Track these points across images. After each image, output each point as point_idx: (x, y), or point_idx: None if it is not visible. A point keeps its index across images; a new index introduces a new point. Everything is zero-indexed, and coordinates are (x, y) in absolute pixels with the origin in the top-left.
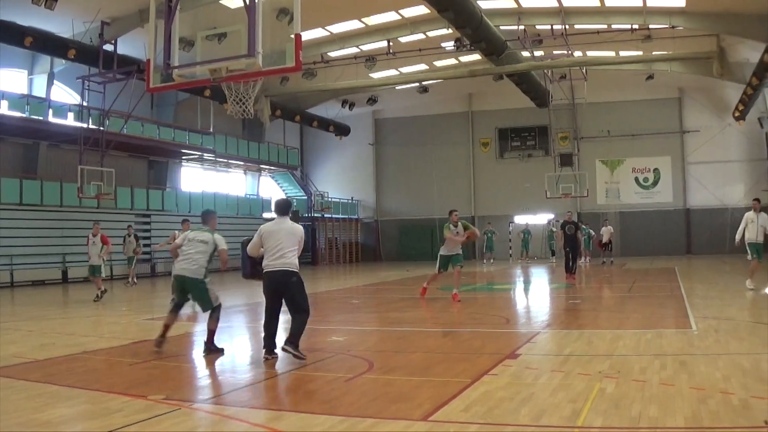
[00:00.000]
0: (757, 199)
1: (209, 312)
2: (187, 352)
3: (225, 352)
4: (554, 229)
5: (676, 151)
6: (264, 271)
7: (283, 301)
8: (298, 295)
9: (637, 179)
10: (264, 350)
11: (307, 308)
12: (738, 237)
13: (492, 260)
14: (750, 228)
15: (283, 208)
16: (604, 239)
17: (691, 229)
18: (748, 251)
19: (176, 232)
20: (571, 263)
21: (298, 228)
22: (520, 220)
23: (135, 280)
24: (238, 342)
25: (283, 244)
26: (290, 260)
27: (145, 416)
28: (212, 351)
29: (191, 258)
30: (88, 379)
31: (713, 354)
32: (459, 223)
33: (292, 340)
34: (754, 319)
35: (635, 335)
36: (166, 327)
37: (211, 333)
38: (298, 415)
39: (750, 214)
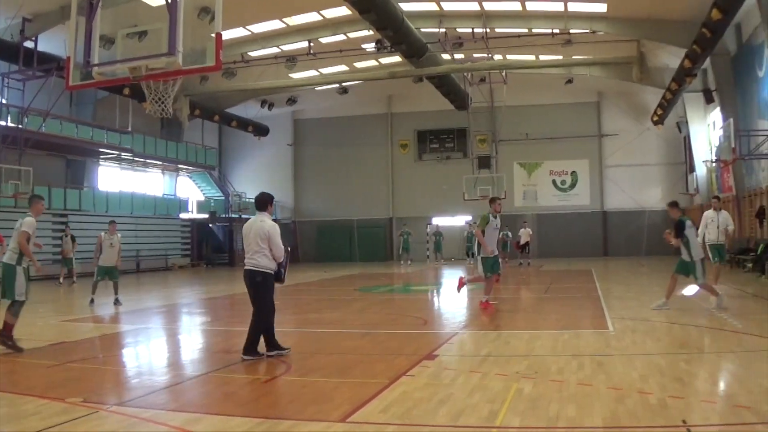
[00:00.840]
0: (717, 197)
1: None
2: (104, 354)
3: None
4: (473, 231)
5: (594, 154)
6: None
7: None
8: (258, 296)
9: (554, 182)
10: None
11: (261, 311)
12: (699, 239)
13: (409, 261)
14: (710, 229)
15: (259, 203)
16: (522, 241)
17: (608, 232)
18: (710, 254)
19: (102, 233)
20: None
21: (265, 225)
22: (438, 221)
23: (75, 278)
24: (156, 344)
25: (250, 243)
26: (256, 260)
27: (63, 419)
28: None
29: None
30: (5, 382)
31: (630, 354)
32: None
33: (247, 346)
34: (670, 320)
35: (552, 336)
36: None
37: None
38: (216, 417)
39: (709, 213)
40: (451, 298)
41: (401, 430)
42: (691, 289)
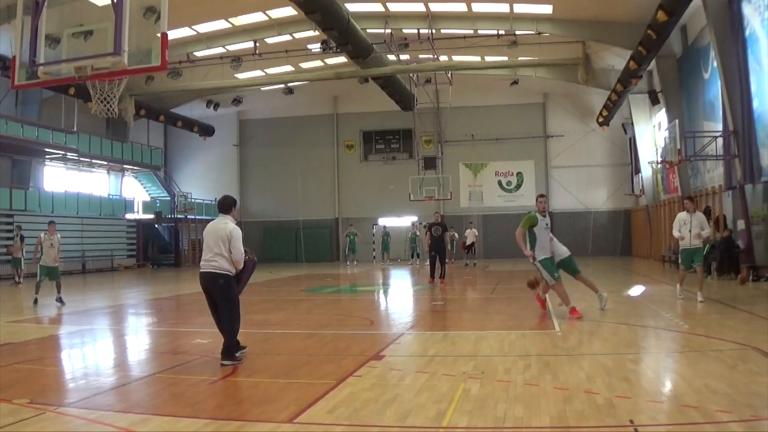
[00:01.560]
0: (690, 197)
1: None
2: (50, 355)
3: None
4: (418, 233)
5: (540, 155)
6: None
7: None
8: (226, 297)
9: (500, 182)
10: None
11: (233, 312)
12: (675, 241)
13: (355, 262)
14: (683, 232)
15: (222, 205)
16: (468, 241)
17: (554, 232)
18: (681, 260)
19: (42, 234)
20: (440, 266)
21: (227, 227)
22: (384, 222)
23: (20, 279)
24: (102, 344)
25: (210, 245)
26: (217, 261)
27: (10, 420)
28: None
29: None
30: None
31: (577, 354)
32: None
33: (225, 352)
34: (616, 320)
35: (499, 336)
36: None
37: None
38: (163, 419)
39: (682, 216)
40: (398, 299)
41: (349, 430)
42: (637, 290)
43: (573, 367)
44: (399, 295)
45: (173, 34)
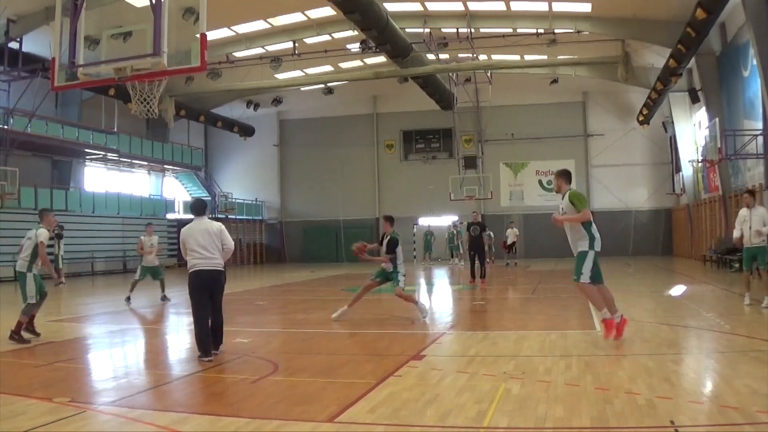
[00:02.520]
0: (750, 191)
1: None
2: (91, 353)
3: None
4: (455, 231)
5: (580, 154)
6: (191, 270)
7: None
8: (220, 294)
9: (540, 182)
10: (202, 353)
11: (221, 307)
12: (736, 239)
13: None
14: (744, 230)
15: (198, 208)
16: (509, 241)
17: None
18: (743, 260)
19: (141, 236)
20: (480, 266)
21: (211, 225)
22: (424, 221)
23: (62, 278)
24: (143, 344)
25: (204, 244)
26: (219, 259)
27: (50, 419)
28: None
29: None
30: None
31: (618, 355)
32: None
33: (221, 341)
34: (657, 320)
35: (540, 336)
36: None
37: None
38: (203, 418)
39: (743, 212)
40: (439, 299)
41: (389, 430)
42: (678, 289)
43: (614, 368)
44: (440, 295)
45: (212, 35)
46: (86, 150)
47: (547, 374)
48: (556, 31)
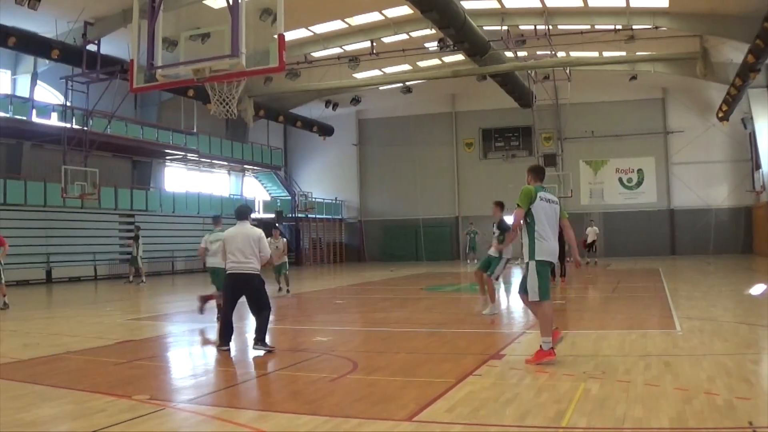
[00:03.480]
0: None
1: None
2: (169, 351)
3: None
4: None
5: (660, 151)
6: (227, 272)
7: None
8: (260, 294)
9: (621, 180)
10: (221, 342)
11: (268, 306)
12: None
13: (476, 260)
14: None
15: (241, 213)
16: (589, 240)
17: (675, 230)
18: None
19: (269, 239)
20: (560, 264)
21: (256, 230)
22: (507, 220)
23: (143, 278)
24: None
25: (242, 248)
26: (253, 263)
27: (129, 416)
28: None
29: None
30: (72, 379)
31: (698, 354)
32: None
33: (261, 338)
34: (737, 319)
35: (620, 336)
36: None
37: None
38: (282, 416)
39: None
40: (518, 298)
41: (467, 429)
42: (758, 288)
43: (693, 368)
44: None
45: (290, 36)
46: (166, 150)
47: (627, 374)
48: (634, 27)
